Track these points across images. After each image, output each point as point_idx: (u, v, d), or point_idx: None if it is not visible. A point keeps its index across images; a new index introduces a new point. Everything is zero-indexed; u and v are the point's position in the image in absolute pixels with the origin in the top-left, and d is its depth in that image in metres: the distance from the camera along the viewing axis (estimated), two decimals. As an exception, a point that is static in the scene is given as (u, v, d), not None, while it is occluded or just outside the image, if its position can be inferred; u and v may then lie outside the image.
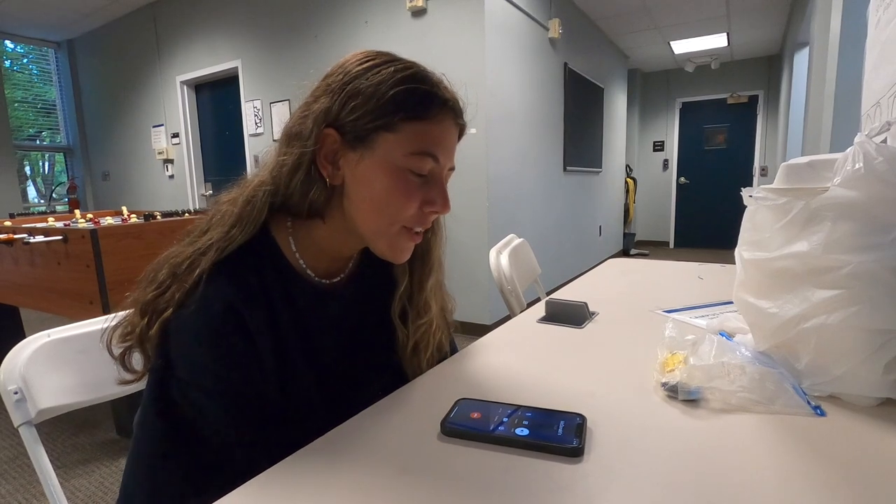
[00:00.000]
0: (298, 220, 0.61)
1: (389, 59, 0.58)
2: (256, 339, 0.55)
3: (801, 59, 4.16)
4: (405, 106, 0.55)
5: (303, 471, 0.47)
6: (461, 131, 0.63)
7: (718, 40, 5.53)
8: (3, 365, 0.67)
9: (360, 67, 0.56)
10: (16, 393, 0.66)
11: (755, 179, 6.38)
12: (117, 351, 0.56)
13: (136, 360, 0.57)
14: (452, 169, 0.62)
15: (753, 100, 6.46)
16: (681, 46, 5.77)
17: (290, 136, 0.58)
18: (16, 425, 0.67)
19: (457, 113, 0.60)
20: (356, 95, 0.55)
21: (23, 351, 0.69)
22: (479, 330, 0.78)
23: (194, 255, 0.54)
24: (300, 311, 0.60)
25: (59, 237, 1.86)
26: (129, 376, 0.56)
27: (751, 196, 0.63)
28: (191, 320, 0.52)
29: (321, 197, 0.58)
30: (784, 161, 0.62)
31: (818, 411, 0.55)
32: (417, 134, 0.56)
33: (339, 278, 0.67)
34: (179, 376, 0.52)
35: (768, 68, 6.28)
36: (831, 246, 0.53)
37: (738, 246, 0.66)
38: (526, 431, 0.50)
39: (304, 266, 0.62)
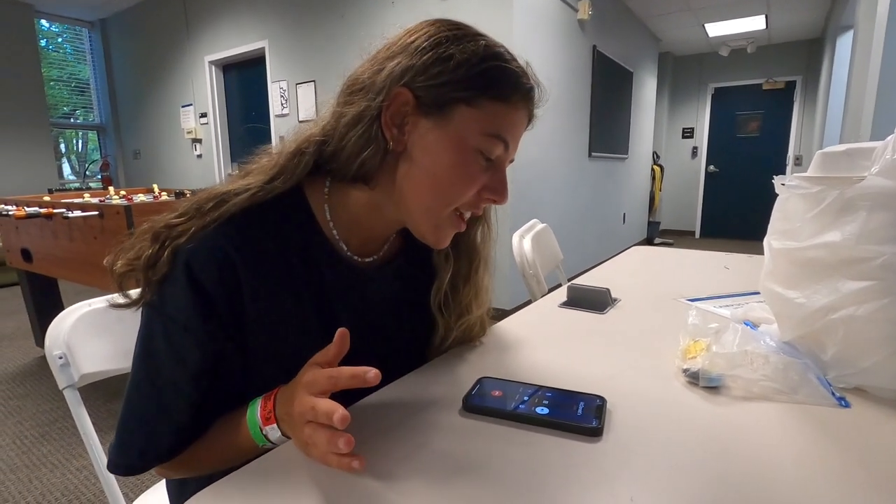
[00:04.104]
0: (339, 183, 0.58)
1: (479, 33, 0.55)
2: (247, 306, 0.52)
3: (844, 43, 3.98)
4: (493, 83, 0.52)
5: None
6: (529, 122, 0.60)
7: (756, 23, 5.31)
8: (48, 331, 0.71)
9: (449, 33, 0.53)
10: (60, 358, 0.70)
11: (789, 169, 6.17)
12: (120, 272, 0.53)
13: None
14: (512, 161, 0.60)
15: (791, 86, 6.21)
16: (716, 29, 5.56)
17: (356, 89, 0.54)
18: (60, 388, 0.71)
19: (532, 104, 0.58)
20: (445, 60, 0.51)
21: (66, 319, 0.72)
22: (499, 314, 0.78)
23: (226, 195, 0.52)
24: (325, 285, 0.58)
25: (96, 213, 1.94)
26: (122, 300, 0.53)
27: (783, 184, 0.62)
28: (186, 254, 0.50)
29: (374, 159, 0.54)
30: (821, 150, 0.60)
31: (843, 403, 0.54)
32: (497, 115, 0.53)
33: (371, 259, 0.64)
34: (164, 310, 0.51)
35: (808, 53, 6.02)
36: (865, 236, 0.52)
37: (767, 235, 0.65)
38: (546, 410, 0.51)
39: (337, 237, 0.60)
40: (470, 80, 0.52)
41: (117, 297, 0.53)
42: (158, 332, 0.51)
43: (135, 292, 0.54)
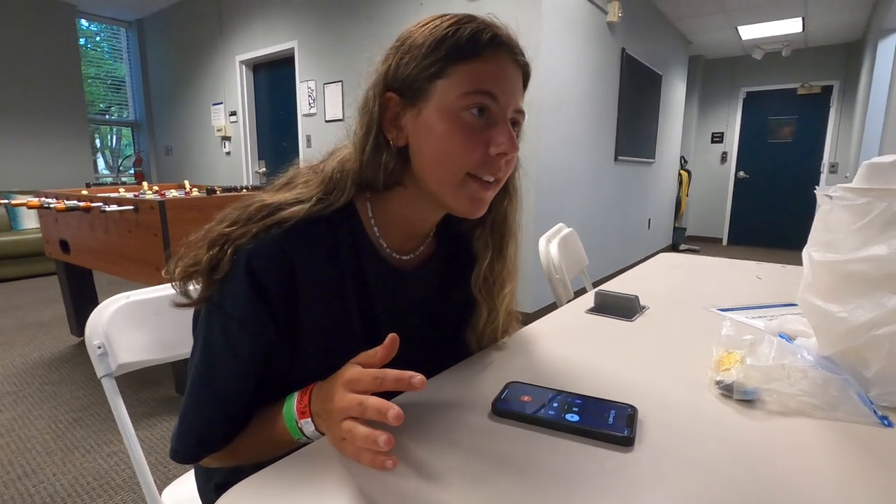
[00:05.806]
0: (377, 193, 0.61)
1: (444, 14, 0.57)
2: (300, 307, 0.55)
3: (886, 47, 3.84)
4: (454, 49, 0.54)
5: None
6: (525, 73, 0.60)
7: (792, 25, 5.15)
8: (88, 322, 0.74)
9: (415, 27, 0.57)
10: (99, 347, 0.73)
11: (823, 177, 5.97)
12: (180, 277, 0.56)
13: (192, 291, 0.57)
14: (521, 113, 0.59)
15: (827, 91, 6.01)
16: (749, 32, 5.42)
17: (360, 110, 0.59)
18: (99, 376, 0.73)
19: (512, 50, 0.57)
20: (409, 51, 0.55)
21: (105, 310, 0.75)
22: (522, 318, 0.78)
23: (280, 205, 0.55)
24: (367, 284, 0.60)
25: (131, 207, 2.00)
26: (185, 300, 0.56)
27: (827, 195, 0.60)
28: (248, 253, 0.52)
29: (392, 163, 0.57)
30: (858, 158, 0.59)
31: (885, 422, 0.52)
32: (469, 73, 0.54)
33: (408, 257, 0.66)
34: (223, 306, 0.53)
35: (846, 56, 5.82)
36: (914, 251, 0.50)
37: (806, 246, 0.64)
38: (576, 417, 0.50)
39: (379, 236, 0.62)
40: (433, 57, 0.54)
41: (180, 297, 0.56)
42: (216, 328, 0.54)
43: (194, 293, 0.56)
